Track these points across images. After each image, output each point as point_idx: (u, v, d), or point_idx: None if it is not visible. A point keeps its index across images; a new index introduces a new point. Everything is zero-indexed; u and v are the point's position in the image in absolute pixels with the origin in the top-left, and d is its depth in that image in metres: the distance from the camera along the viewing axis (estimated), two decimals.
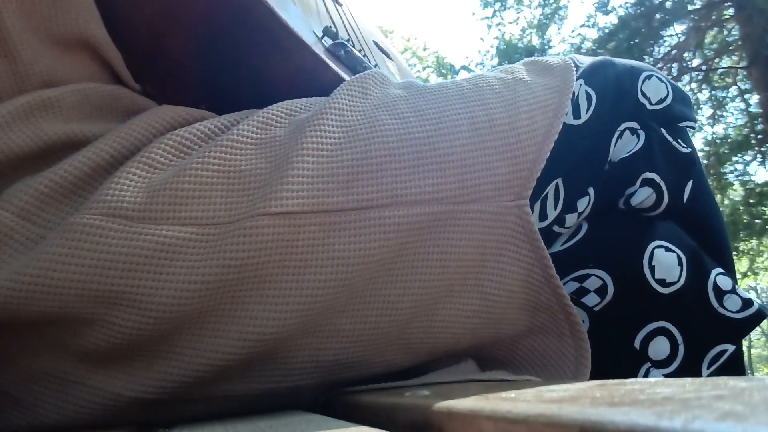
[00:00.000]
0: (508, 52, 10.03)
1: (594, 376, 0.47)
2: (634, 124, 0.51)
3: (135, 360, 0.38)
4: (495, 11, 10.42)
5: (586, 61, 0.52)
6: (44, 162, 0.39)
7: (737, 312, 0.50)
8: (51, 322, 0.36)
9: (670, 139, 0.52)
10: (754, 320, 0.50)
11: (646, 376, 0.49)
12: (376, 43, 0.93)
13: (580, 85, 0.49)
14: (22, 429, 0.38)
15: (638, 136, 0.51)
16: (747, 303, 0.50)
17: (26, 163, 0.39)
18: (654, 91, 0.52)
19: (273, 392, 0.41)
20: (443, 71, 11.94)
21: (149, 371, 0.38)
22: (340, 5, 0.82)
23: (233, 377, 0.39)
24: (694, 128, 0.55)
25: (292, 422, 0.30)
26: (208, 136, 0.42)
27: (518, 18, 11.00)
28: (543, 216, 0.47)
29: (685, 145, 0.53)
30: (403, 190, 0.40)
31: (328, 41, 0.57)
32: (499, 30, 10.63)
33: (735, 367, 0.51)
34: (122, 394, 0.37)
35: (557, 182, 0.46)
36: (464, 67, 11.27)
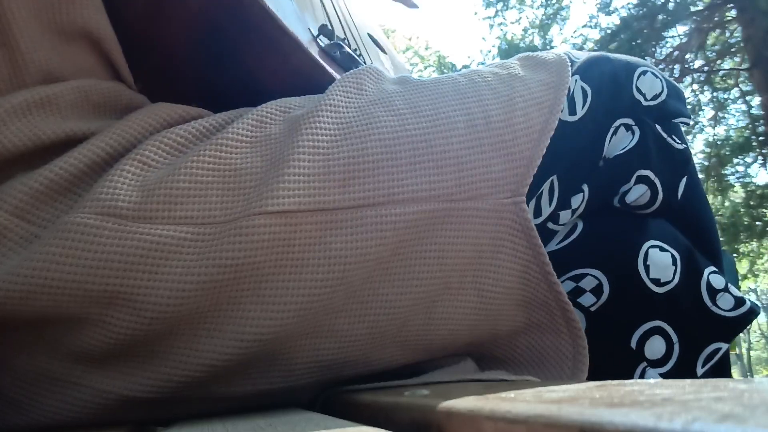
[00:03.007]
0: (510, 52, 10.02)
1: (591, 376, 0.47)
2: (629, 121, 0.51)
3: (131, 360, 0.38)
4: (497, 11, 10.42)
5: (581, 56, 0.51)
6: (41, 159, 0.39)
7: (730, 310, 0.50)
8: (46, 322, 0.36)
9: (664, 135, 0.52)
10: (747, 318, 0.50)
11: (642, 375, 0.49)
12: (370, 36, 0.93)
13: (576, 80, 0.49)
14: (18, 429, 0.38)
15: (633, 133, 0.51)
16: (739, 301, 0.50)
17: (22, 159, 0.39)
18: (649, 86, 0.52)
19: (272, 393, 0.40)
20: (445, 71, 11.93)
21: (145, 371, 0.37)
22: None
23: (232, 378, 0.39)
24: (688, 124, 0.55)
25: (292, 421, 0.30)
26: (203, 135, 0.42)
27: (520, 18, 10.96)
28: (537, 212, 0.47)
29: (679, 141, 0.53)
30: (399, 188, 0.40)
31: (324, 40, 0.56)
32: (501, 30, 10.63)
33: (726, 364, 0.52)
34: (119, 393, 0.37)
35: (552, 179, 0.46)
36: (465, 67, 11.26)
